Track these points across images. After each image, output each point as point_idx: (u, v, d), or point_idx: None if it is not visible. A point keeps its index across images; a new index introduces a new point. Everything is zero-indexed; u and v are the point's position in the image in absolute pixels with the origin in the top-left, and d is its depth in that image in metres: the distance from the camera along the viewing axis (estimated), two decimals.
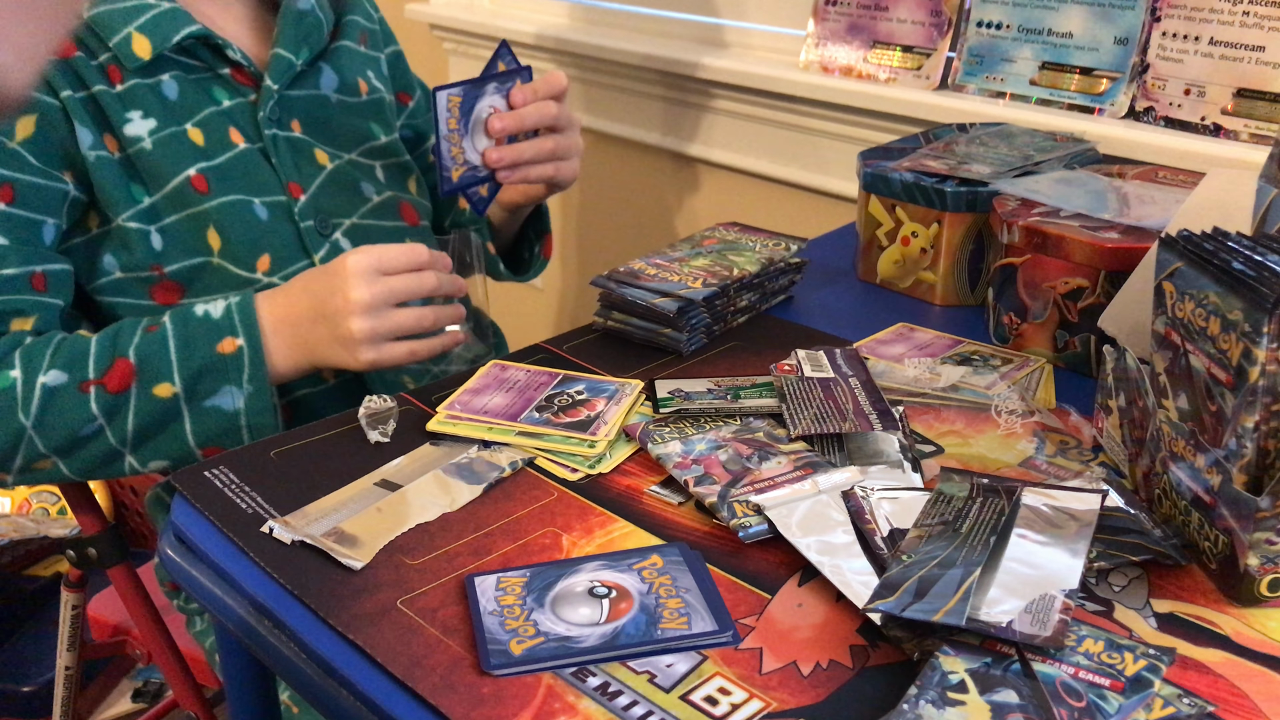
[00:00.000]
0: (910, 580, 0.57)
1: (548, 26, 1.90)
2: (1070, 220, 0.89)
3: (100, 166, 0.90)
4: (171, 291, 0.94)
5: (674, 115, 1.76)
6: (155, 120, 0.92)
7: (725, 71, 1.59)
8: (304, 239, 0.98)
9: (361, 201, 1.04)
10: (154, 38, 0.91)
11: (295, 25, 1.01)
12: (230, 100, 0.97)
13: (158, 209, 0.93)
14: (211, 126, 0.95)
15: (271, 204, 0.97)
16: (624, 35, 1.81)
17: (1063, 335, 0.88)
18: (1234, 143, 1.14)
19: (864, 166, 1.06)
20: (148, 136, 0.91)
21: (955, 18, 1.37)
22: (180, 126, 0.93)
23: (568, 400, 0.80)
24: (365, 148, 1.07)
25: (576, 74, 1.89)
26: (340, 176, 1.03)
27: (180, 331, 0.86)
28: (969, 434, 0.77)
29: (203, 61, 0.96)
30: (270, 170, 0.98)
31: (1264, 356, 0.56)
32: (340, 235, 1.01)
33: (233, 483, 0.72)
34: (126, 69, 0.91)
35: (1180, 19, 1.18)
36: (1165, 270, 0.64)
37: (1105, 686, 0.51)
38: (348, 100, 1.06)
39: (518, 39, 1.93)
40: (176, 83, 0.94)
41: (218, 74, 0.97)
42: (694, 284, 0.91)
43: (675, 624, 0.58)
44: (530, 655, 0.55)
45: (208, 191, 0.93)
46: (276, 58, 0.99)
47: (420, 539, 0.66)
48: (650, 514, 0.69)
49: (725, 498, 0.67)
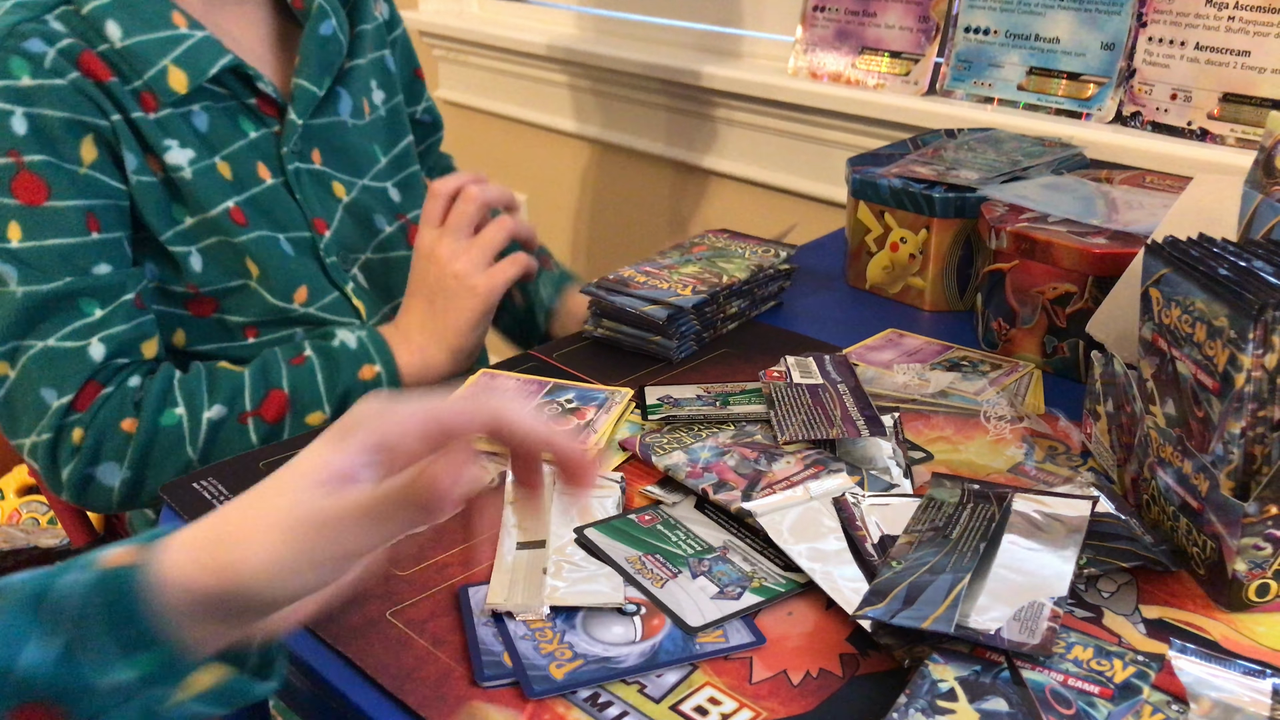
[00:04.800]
0: (900, 587, 0.57)
1: (538, 33, 1.90)
2: (1058, 226, 0.89)
3: (142, 190, 0.89)
4: (205, 305, 0.95)
5: (663, 121, 1.76)
6: (193, 151, 0.91)
7: (714, 78, 1.59)
8: (330, 274, 0.99)
9: (373, 234, 1.05)
10: (190, 71, 0.90)
11: (319, 53, 1.00)
12: (256, 132, 0.96)
13: (198, 231, 0.92)
14: (240, 161, 0.94)
15: (297, 240, 0.97)
16: (614, 41, 1.81)
17: (1051, 340, 0.88)
18: (1221, 147, 1.14)
19: (852, 173, 1.06)
20: (188, 166, 0.91)
21: (943, 23, 1.37)
22: (211, 160, 0.92)
23: (558, 409, 0.80)
24: (375, 170, 1.07)
25: (567, 80, 1.89)
26: (356, 208, 1.04)
27: (325, 364, 0.91)
28: (958, 440, 0.77)
29: (230, 90, 0.94)
30: (294, 205, 0.97)
31: (1249, 363, 0.57)
32: (357, 270, 1.03)
33: (221, 494, 0.72)
34: (161, 98, 0.90)
35: (1166, 24, 1.18)
36: (1152, 276, 0.64)
37: (1094, 694, 0.51)
38: (358, 124, 1.06)
39: (507, 45, 1.94)
40: (206, 114, 0.93)
41: (244, 104, 0.95)
42: (683, 291, 0.92)
43: (711, 637, 0.58)
44: (573, 679, 0.54)
45: (246, 224, 0.93)
46: (301, 89, 0.98)
47: (410, 549, 0.66)
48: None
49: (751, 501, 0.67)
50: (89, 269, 0.86)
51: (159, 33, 0.89)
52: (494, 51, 1.99)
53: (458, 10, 2.11)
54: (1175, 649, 0.54)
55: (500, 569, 0.63)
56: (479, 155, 2.15)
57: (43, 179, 0.85)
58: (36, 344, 0.84)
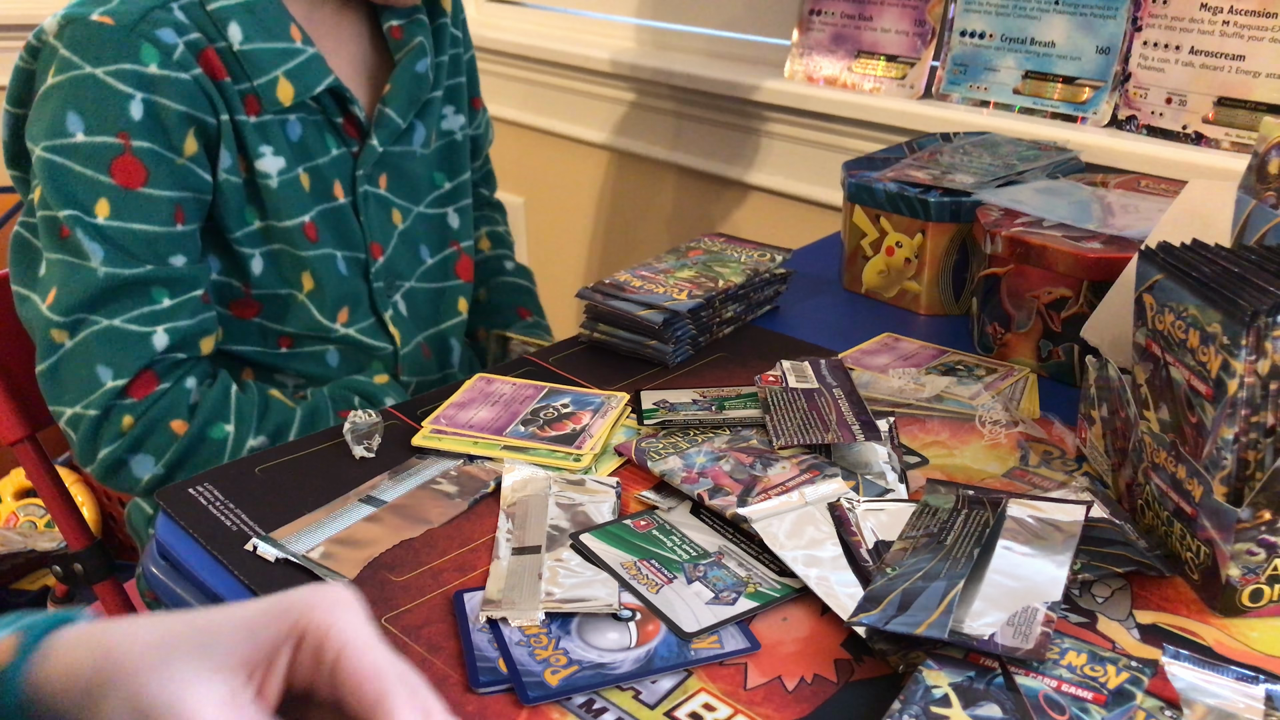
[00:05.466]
0: (894, 593, 0.57)
1: (531, 36, 1.90)
2: (1053, 230, 0.89)
3: (227, 188, 0.91)
4: (250, 307, 0.96)
5: (663, 125, 1.76)
6: (284, 160, 0.93)
7: (710, 81, 1.60)
8: (374, 298, 1.01)
9: (419, 263, 1.07)
10: (298, 85, 0.92)
11: (409, 87, 1.02)
12: (338, 150, 0.98)
13: (264, 237, 0.94)
14: (320, 175, 0.96)
15: (351, 260, 0.99)
16: (606, 45, 1.81)
17: (1046, 345, 0.89)
18: (1215, 151, 1.15)
19: (848, 177, 1.06)
20: (275, 175, 0.92)
21: (939, 27, 1.38)
22: (296, 170, 0.94)
23: (553, 414, 0.81)
24: (433, 196, 1.08)
25: (559, 83, 1.89)
26: (409, 236, 1.05)
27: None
28: (953, 445, 0.77)
29: (322, 107, 0.96)
30: (357, 227, 0.99)
31: (1242, 369, 0.57)
32: (399, 298, 1.04)
33: (217, 500, 0.72)
34: (264, 105, 0.91)
35: (1161, 28, 1.19)
36: (1145, 282, 0.64)
37: (1088, 700, 0.51)
38: (425, 153, 1.07)
39: (501, 49, 1.94)
40: (300, 125, 0.95)
41: (332, 121, 0.97)
42: (679, 296, 0.92)
43: (706, 643, 0.58)
44: (568, 685, 0.55)
45: (316, 240, 0.95)
46: (385, 118, 1.00)
47: (405, 555, 0.66)
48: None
49: (747, 507, 0.67)
50: (168, 258, 0.88)
51: (277, 43, 0.91)
52: (493, 55, 1.99)
53: None
54: (1168, 655, 0.54)
55: (496, 574, 0.63)
56: None
57: (144, 165, 0.86)
58: (102, 321, 0.86)
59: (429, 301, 1.08)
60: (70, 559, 1.03)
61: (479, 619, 0.60)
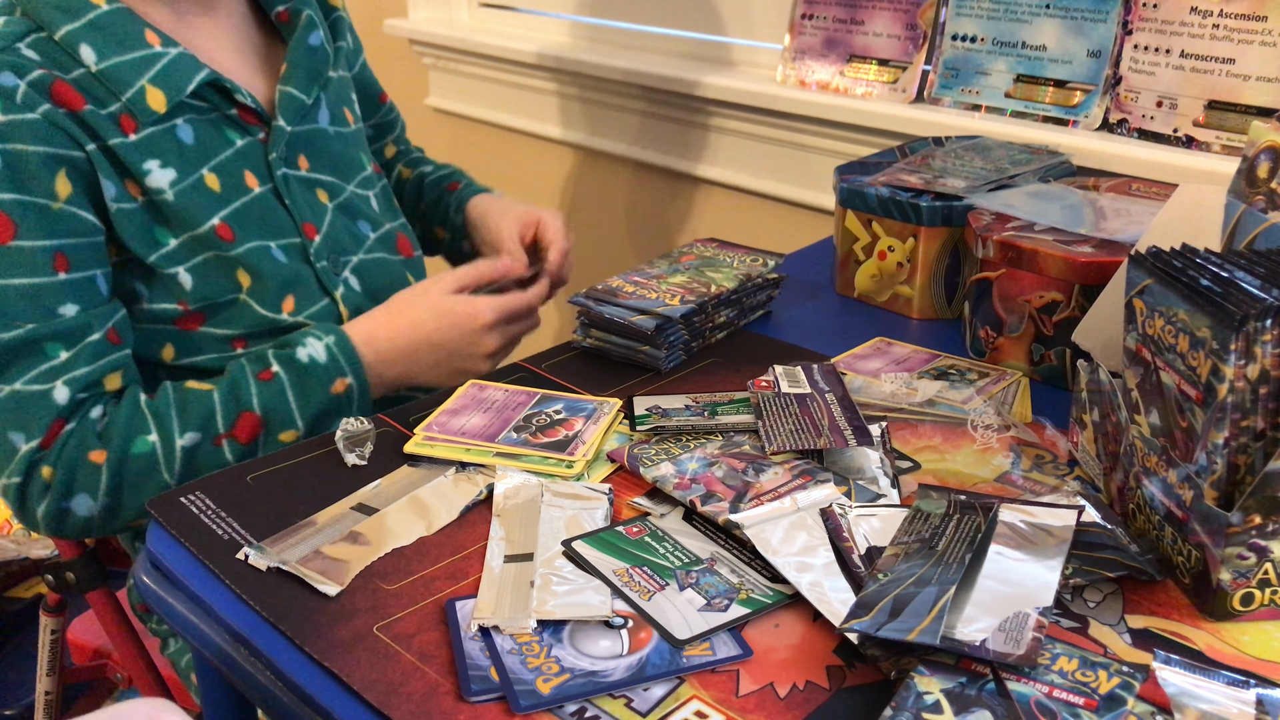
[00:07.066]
0: (886, 599, 0.57)
1: (528, 41, 1.90)
2: (1045, 234, 0.89)
3: (123, 217, 0.89)
4: (193, 320, 0.94)
5: (653, 130, 1.76)
6: (175, 170, 0.90)
7: (704, 86, 1.60)
8: (321, 279, 0.99)
9: (363, 237, 1.05)
10: (167, 89, 0.90)
11: (307, 62, 1.01)
12: (241, 140, 0.96)
13: (185, 251, 0.92)
14: (227, 171, 0.94)
15: (288, 247, 0.97)
16: (605, 50, 1.81)
17: (1038, 349, 0.89)
18: (1206, 154, 1.15)
19: (840, 181, 1.06)
20: (169, 188, 0.90)
21: (930, 31, 1.38)
22: (198, 173, 0.92)
23: (546, 420, 0.81)
24: (360, 178, 1.07)
25: (557, 88, 1.89)
26: (344, 212, 1.04)
27: (295, 380, 0.91)
28: (946, 449, 0.77)
29: (210, 103, 0.94)
30: (284, 212, 0.98)
31: (1232, 373, 0.57)
32: (349, 273, 1.02)
33: (209, 509, 0.72)
34: (140, 119, 0.89)
35: (1151, 32, 1.19)
36: (1135, 287, 0.65)
37: (1079, 705, 0.51)
38: (342, 131, 1.06)
39: (498, 54, 1.94)
40: (191, 126, 0.93)
41: (225, 115, 0.95)
42: (672, 301, 0.92)
43: (698, 650, 0.58)
44: (560, 693, 0.55)
45: (233, 239, 0.93)
46: (287, 96, 0.99)
47: (397, 564, 0.66)
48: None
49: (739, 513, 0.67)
50: (55, 310, 0.85)
51: (134, 53, 0.89)
52: (484, 59, 1.99)
53: (447, 19, 2.11)
54: (1160, 660, 0.54)
55: (488, 582, 0.63)
56: (469, 163, 2.13)
57: (10, 218, 0.83)
58: (3, 388, 0.83)
59: (384, 272, 1.06)
60: (63, 567, 1.03)
61: (471, 627, 0.59)
